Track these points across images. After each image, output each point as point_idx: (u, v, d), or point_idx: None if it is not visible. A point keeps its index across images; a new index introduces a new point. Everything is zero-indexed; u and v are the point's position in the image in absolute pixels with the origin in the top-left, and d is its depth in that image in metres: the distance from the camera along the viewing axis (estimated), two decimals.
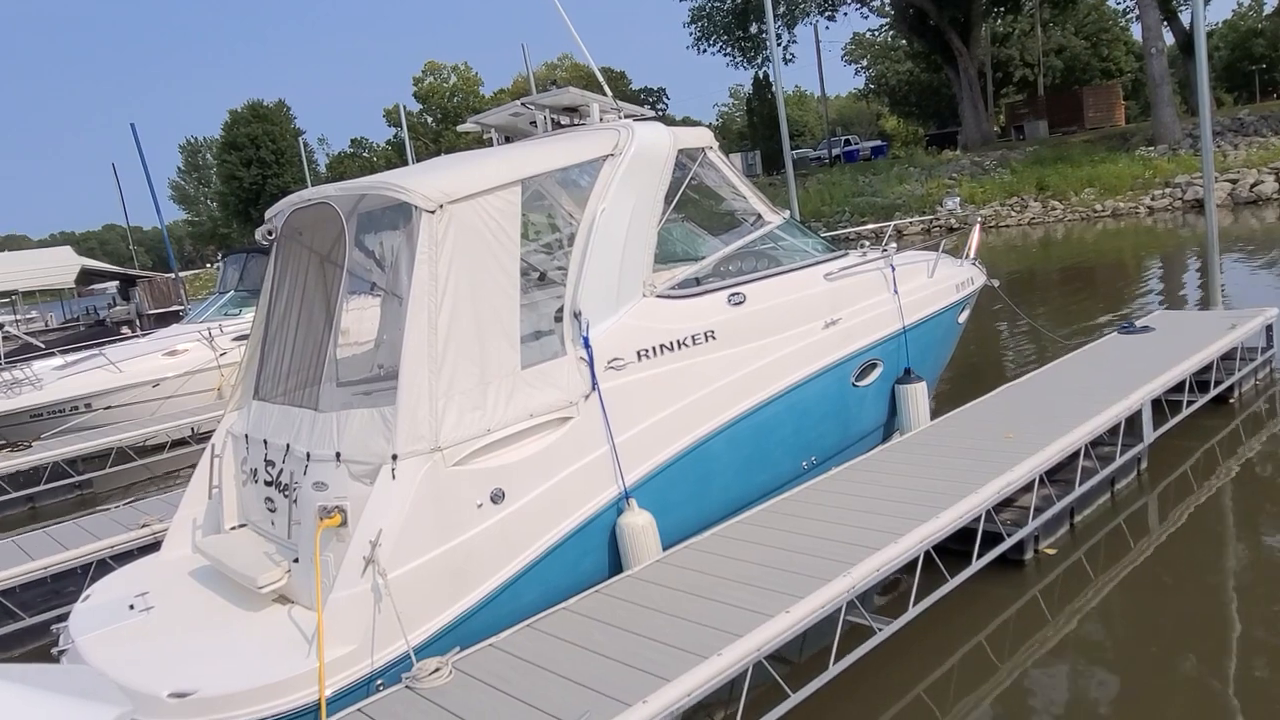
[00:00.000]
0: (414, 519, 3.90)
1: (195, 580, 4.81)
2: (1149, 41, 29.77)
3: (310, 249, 5.37)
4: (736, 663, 3.19)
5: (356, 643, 3.72)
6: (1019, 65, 55.92)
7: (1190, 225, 22.46)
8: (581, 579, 4.55)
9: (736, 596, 3.70)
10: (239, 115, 69.27)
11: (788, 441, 5.69)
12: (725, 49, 40.63)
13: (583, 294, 4.75)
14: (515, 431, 4.34)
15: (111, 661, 3.94)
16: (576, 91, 5.74)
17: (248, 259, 12.70)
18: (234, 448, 5.15)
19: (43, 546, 5.86)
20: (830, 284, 6.10)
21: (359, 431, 4.13)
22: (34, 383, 10.40)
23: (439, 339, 4.15)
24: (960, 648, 4.23)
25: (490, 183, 4.47)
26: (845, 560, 3.82)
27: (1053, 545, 4.99)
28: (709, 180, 5.76)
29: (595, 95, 5.74)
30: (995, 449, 5.07)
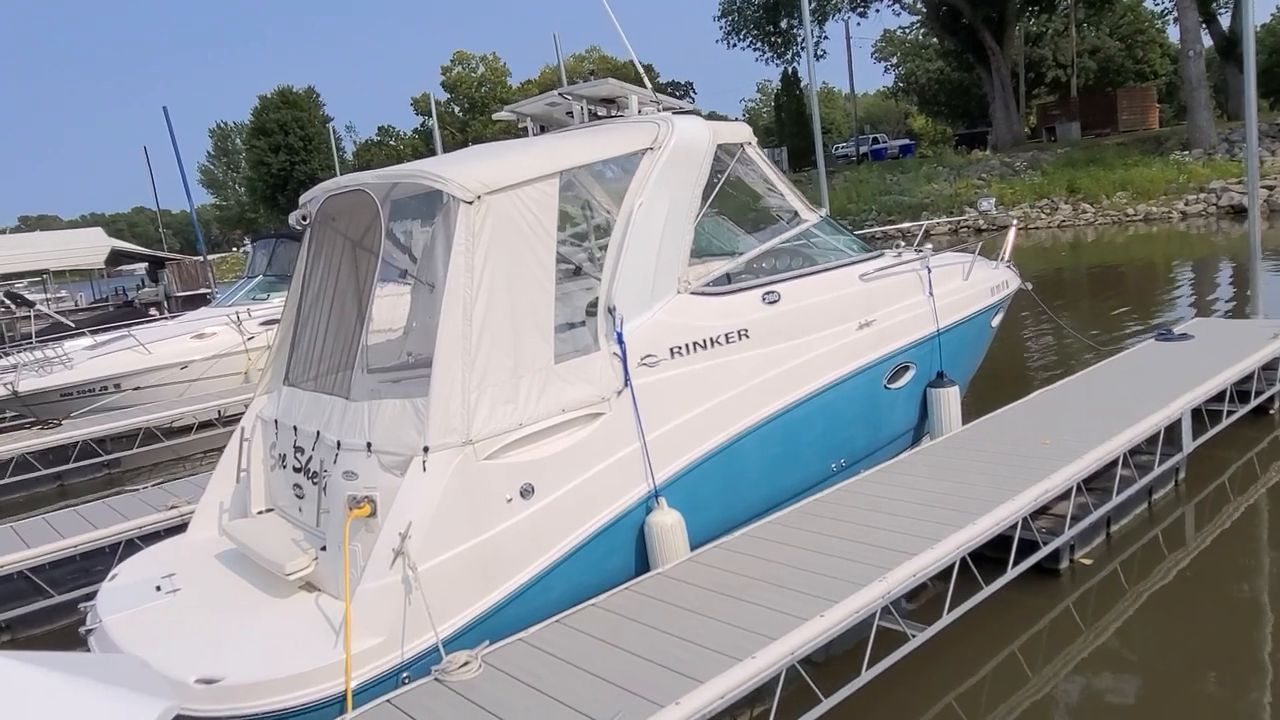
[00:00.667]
0: (444, 512, 3.88)
1: (221, 563, 4.82)
2: (1187, 44, 29.27)
3: (343, 235, 5.36)
4: (770, 666, 3.15)
5: (384, 635, 3.70)
6: (1051, 66, 55.20)
7: (1224, 232, 22.11)
8: (608, 577, 4.51)
9: (768, 598, 3.65)
10: (269, 101, 69.71)
11: (818, 443, 5.63)
12: (755, 44, 40.42)
13: (618, 289, 4.70)
14: (547, 426, 4.30)
15: (138, 643, 3.95)
16: (615, 83, 5.69)
17: (276, 244, 12.75)
18: (263, 432, 5.16)
19: (72, 525, 5.90)
20: (866, 284, 6.03)
21: (391, 422, 4.11)
22: (65, 362, 10.49)
23: (473, 331, 4.12)
24: (993, 657, 4.16)
25: (528, 174, 4.43)
26: (880, 565, 3.76)
27: (1089, 555, 4.90)
28: (747, 176, 5.69)
29: (634, 87, 5.69)
30: (1032, 455, 4.98)
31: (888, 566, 3.73)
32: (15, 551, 5.47)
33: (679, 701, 2.90)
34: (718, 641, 3.34)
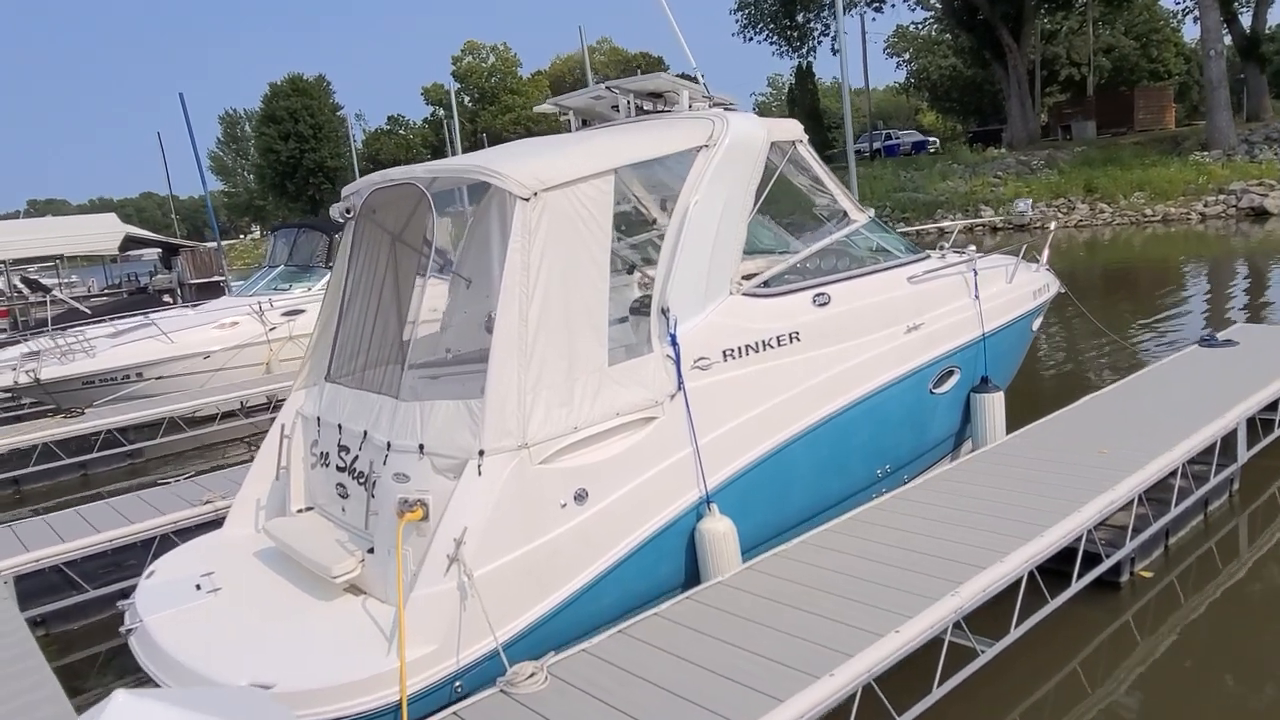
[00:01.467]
0: (499, 517, 3.78)
1: (260, 562, 4.74)
2: (1208, 43, 29.04)
3: (385, 229, 5.25)
4: (848, 684, 3.06)
5: (438, 642, 3.60)
6: (1065, 64, 54.87)
7: (1244, 234, 21.95)
8: (658, 584, 4.43)
9: (835, 610, 3.55)
10: (279, 89, 69.55)
11: (864, 448, 5.53)
12: (771, 37, 40.16)
13: (672, 290, 4.60)
14: (601, 430, 4.20)
15: (182, 645, 3.86)
16: (667, 77, 5.57)
17: (298, 234, 12.65)
18: (304, 429, 5.06)
19: (105, 518, 5.82)
20: (914, 287, 5.92)
21: (444, 424, 4.00)
22: (87, 350, 10.41)
23: (529, 331, 4.02)
24: (1057, 672, 4.07)
25: (584, 170, 4.32)
26: (950, 578, 3.66)
27: (1148, 568, 4.80)
28: (799, 174, 5.59)
29: (686, 82, 5.57)
30: (1087, 464, 4.88)
31: (958, 580, 3.63)
32: (49, 545, 5.39)
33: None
34: (787, 655, 3.25)
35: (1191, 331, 11.45)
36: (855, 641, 3.26)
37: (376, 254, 5.24)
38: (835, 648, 3.25)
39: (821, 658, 3.18)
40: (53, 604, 5.33)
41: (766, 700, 2.93)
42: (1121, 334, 11.35)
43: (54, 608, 5.31)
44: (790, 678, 3.08)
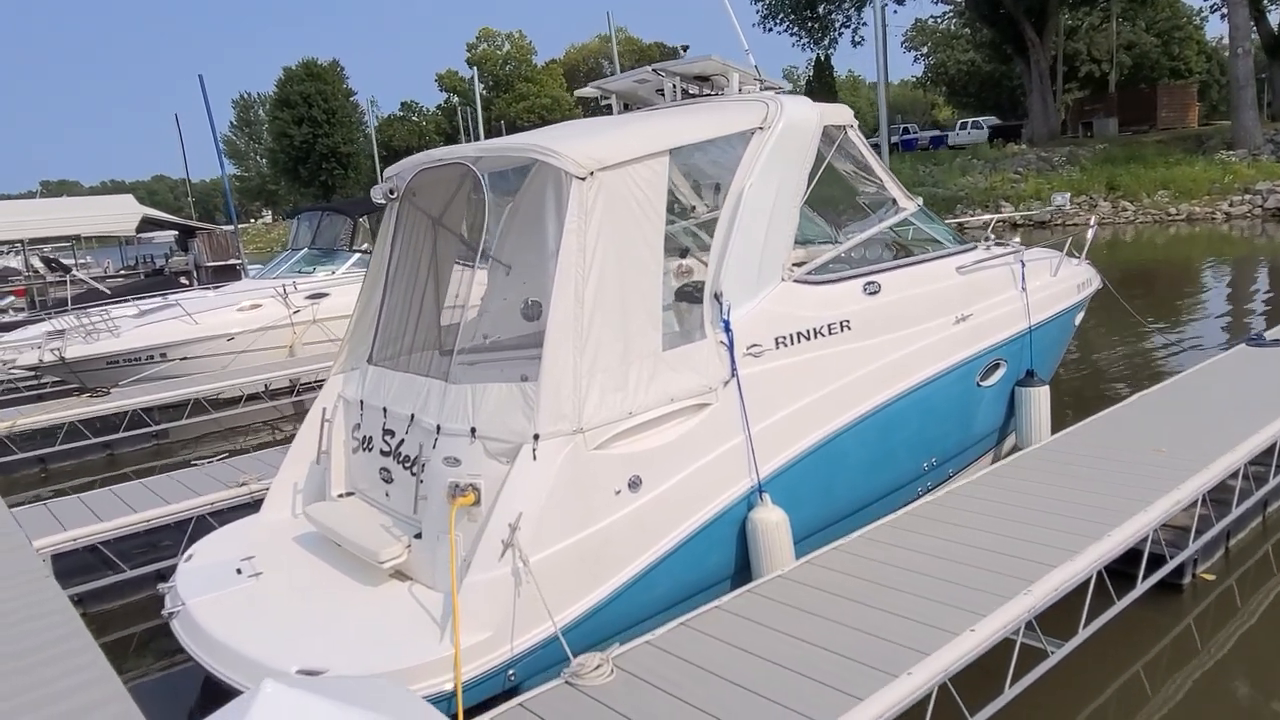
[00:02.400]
0: (554, 503, 3.70)
1: (301, 546, 4.67)
2: (1235, 41, 28.70)
3: (427, 212, 5.15)
4: (927, 683, 2.97)
5: (491, 629, 3.52)
6: (1085, 60, 54.43)
7: (1270, 234, 21.72)
8: (708, 575, 4.34)
9: (903, 606, 3.46)
10: (293, 73, 69.57)
11: (912, 441, 5.43)
12: (791, 28, 39.90)
13: (725, 275, 4.50)
14: (655, 416, 4.11)
15: (226, 630, 3.80)
16: (718, 60, 5.45)
17: (322, 217, 12.58)
18: (345, 413, 4.98)
19: (141, 498, 5.76)
20: (962, 277, 5.82)
21: (497, 407, 3.92)
22: (111, 329, 10.36)
23: (584, 313, 3.92)
24: (1119, 676, 3.97)
25: (639, 151, 4.22)
26: (1021, 576, 3.56)
27: (1210, 570, 4.70)
28: (848, 160, 5.47)
29: (736, 65, 5.46)
30: (1146, 463, 4.77)
31: (1029, 579, 3.53)
32: (86, 524, 5.33)
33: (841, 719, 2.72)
34: (859, 651, 3.16)
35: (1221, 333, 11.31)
36: (930, 639, 3.17)
37: (419, 236, 5.15)
38: (909, 645, 3.15)
39: (896, 655, 3.09)
40: (90, 583, 5.27)
41: (845, 698, 2.84)
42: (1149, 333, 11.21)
43: (91, 587, 5.25)
44: (866, 675, 2.99)
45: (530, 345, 5.13)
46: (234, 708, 1.46)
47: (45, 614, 3.92)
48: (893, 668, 3.00)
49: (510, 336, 5.52)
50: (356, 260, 12.01)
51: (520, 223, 5.45)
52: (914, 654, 3.08)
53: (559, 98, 72.74)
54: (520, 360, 4.89)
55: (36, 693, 3.18)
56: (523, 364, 4.83)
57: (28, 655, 3.49)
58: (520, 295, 5.69)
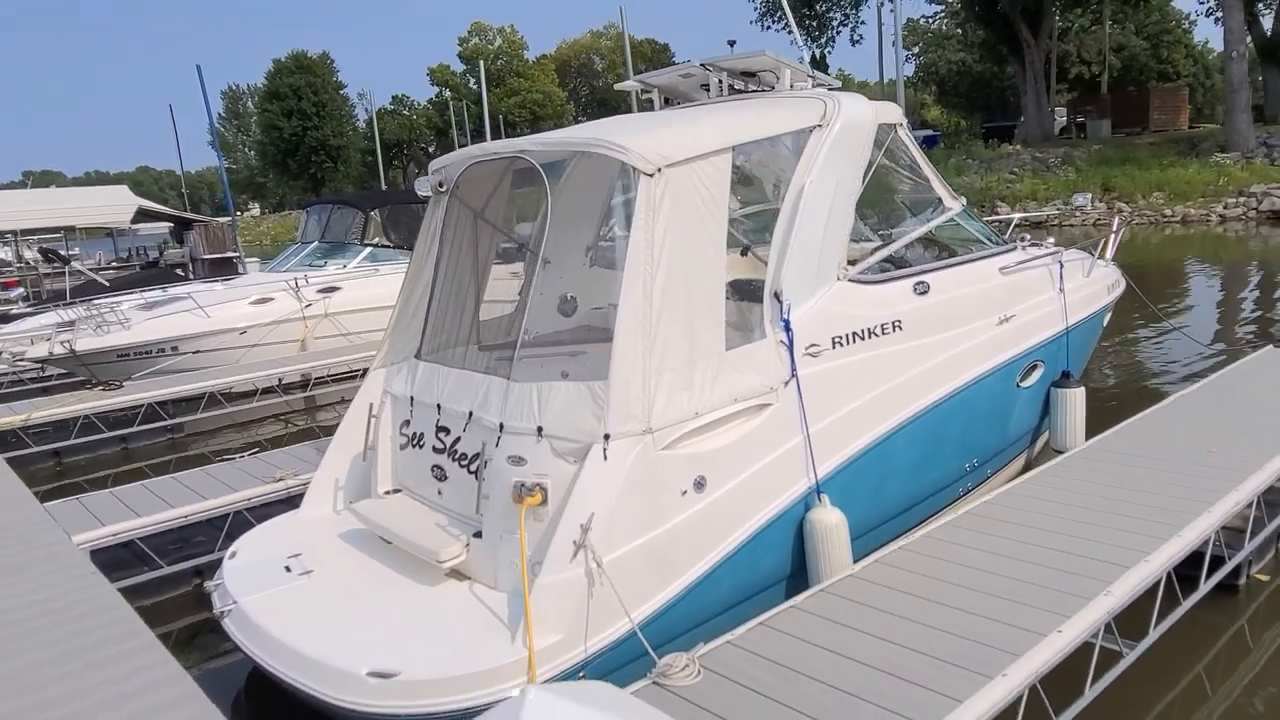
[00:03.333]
0: (624, 503, 3.66)
1: (348, 544, 4.61)
2: (1231, 44, 28.93)
3: (471, 205, 5.07)
4: (1020, 685, 2.95)
5: (564, 631, 3.48)
6: (1075, 62, 54.77)
7: (1264, 237, 21.90)
8: (767, 576, 4.32)
9: (979, 605, 3.45)
10: (282, 65, 69.16)
11: (957, 441, 5.43)
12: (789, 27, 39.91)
13: (785, 274, 4.47)
14: (719, 416, 4.08)
15: (286, 629, 3.75)
16: (771, 55, 5.42)
17: (332, 211, 12.47)
18: (393, 408, 4.91)
19: (176, 493, 5.68)
20: (1005, 278, 5.82)
21: (564, 406, 3.87)
22: (122, 322, 10.23)
23: (653, 311, 3.88)
24: (1183, 677, 3.98)
25: (705, 147, 4.19)
26: (1097, 577, 3.56)
27: (1263, 570, 4.72)
28: (898, 159, 5.46)
29: (789, 61, 5.42)
30: (1198, 464, 4.79)
31: (1105, 579, 3.53)
32: (125, 519, 5.25)
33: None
34: (946, 651, 3.15)
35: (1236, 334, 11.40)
36: (1016, 640, 3.16)
37: (464, 230, 5.10)
38: (996, 646, 3.15)
39: (986, 656, 3.08)
40: (128, 579, 5.18)
41: (942, 699, 2.83)
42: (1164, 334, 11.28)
43: (129, 583, 5.17)
44: (959, 676, 2.97)
45: (567, 341, 5.08)
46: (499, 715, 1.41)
47: (101, 609, 3.85)
48: (985, 669, 2.99)
49: (549, 332, 5.47)
50: (368, 254, 11.92)
51: (558, 218, 5.40)
52: (1004, 655, 3.07)
53: (551, 93, 72.55)
54: (559, 357, 4.84)
55: (111, 690, 3.12)
56: (562, 361, 4.78)
57: (92, 651, 3.43)
58: (556, 291, 5.64)
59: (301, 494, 5.22)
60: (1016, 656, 3.04)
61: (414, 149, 77.90)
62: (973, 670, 2.99)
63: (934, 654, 3.15)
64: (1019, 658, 3.03)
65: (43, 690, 3.12)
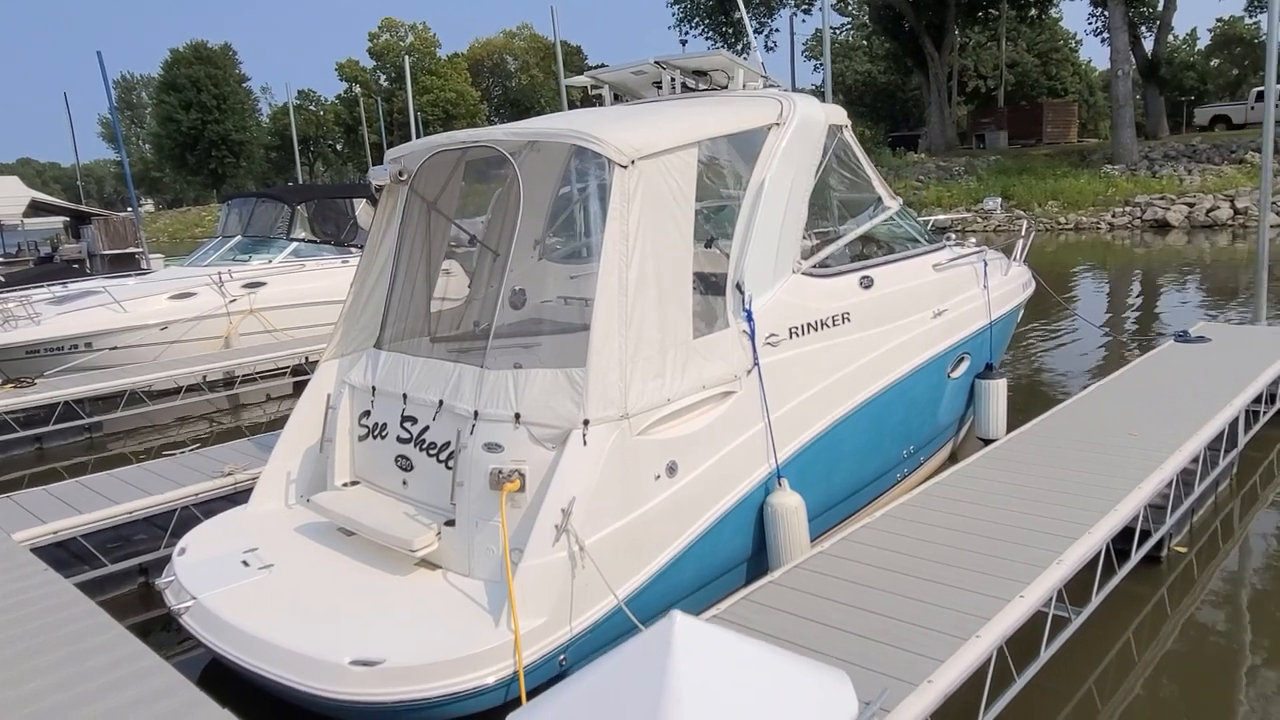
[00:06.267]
0: (603, 488, 3.76)
1: (305, 537, 4.57)
2: (1116, 63, 30.73)
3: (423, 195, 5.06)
4: (992, 646, 3.17)
5: (547, 614, 3.55)
6: (973, 76, 57.24)
7: (1147, 244, 23.32)
8: (730, 557, 4.47)
9: (946, 577, 3.67)
10: (180, 55, 66.40)
11: (897, 429, 5.71)
12: (706, 33, 40.58)
13: (747, 266, 4.64)
14: (688, 403, 4.21)
15: (256, 624, 3.70)
16: (726, 55, 5.59)
17: (256, 204, 12.13)
18: (351, 399, 4.87)
19: (116, 490, 5.48)
20: (938, 274, 6.13)
21: (542, 393, 3.93)
22: (31, 317, 9.74)
23: (628, 300, 3.99)
24: (1116, 641, 4.28)
25: (674, 141, 4.32)
26: (1048, 549, 3.83)
27: (1181, 543, 5.11)
28: (844, 159, 5.69)
29: (742, 61, 5.60)
30: (1122, 446, 5.15)
31: (1056, 550, 3.80)
32: (65, 517, 5.05)
33: (931, 680, 2.89)
34: (923, 618, 3.35)
35: (1136, 330, 12.17)
36: (984, 606, 3.38)
37: (417, 220, 5.08)
38: (967, 611, 3.36)
39: (960, 621, 3.29)
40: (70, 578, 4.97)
41: (925, 660, 3.01)
42: (1073, 330, 11.96)
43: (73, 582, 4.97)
44: (937, 639, 3.17)
45: (517, 334, 5.12)
46: (651, 639, 1.47)
47: (63, 605, 3.73)
48: (959, 632, 3.20)
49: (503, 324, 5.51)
50: (294, 249, 11.64)
51: (506, 210, 5.44)
52: (975, 619, 3.28)
53: (464, 92, 71.64)
54: (512, 349, 4.89)
55: (91, 683, 3.04)
56: (515, 353, 4.83)
57: (64, 646, 3.32)
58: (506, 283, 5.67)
59: (249, 489, 5.12)
60: (986, 620, 3.26)
61: (321, 145, 75.78)
62: (948, 634, 3.19)
63: (910, 620, 3.34)
64: (988, 621, 3.24)
65: (19, 686, 3.02)
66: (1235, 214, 24.81)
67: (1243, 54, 60.37)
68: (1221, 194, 25.90)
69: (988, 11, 42.46)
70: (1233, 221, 24.74)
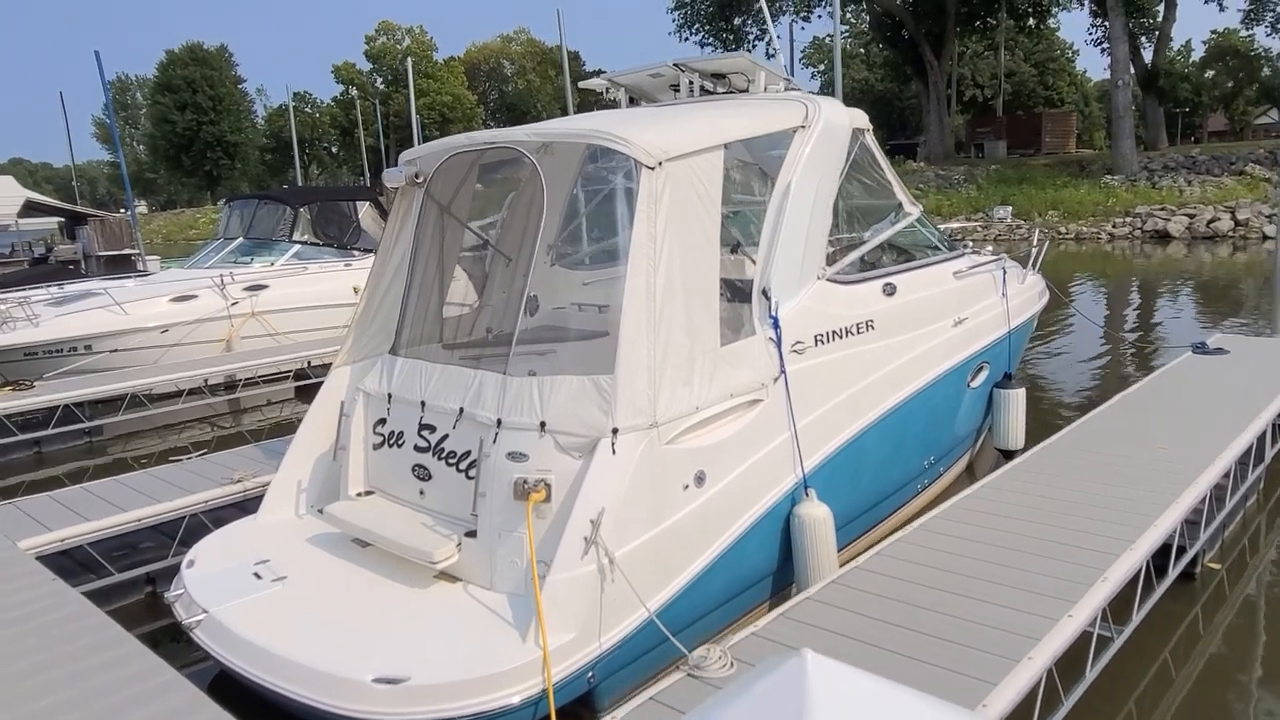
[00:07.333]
0: (632, 498, 3.64)
1: (318, 549, 4.43)
2: (1116, 74, 30.80)
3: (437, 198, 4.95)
4: (1043, 667, 3.06)
5: (577, 629, 3.42)
6: (970, 85, 57.42)
7: (1147, 255, 23.34)
8: (756, 570, 4.36)
9: (988, 594, 3.56)
10: (176, 56, 66.23)
11: (919, 438, 5.61)
12: (706, 39, 40.59)
13: (773, 271, 4.54)
14: (716, 412, 4.10)
15: (272, 639, 3.56)
16: (747, 58, 5.49)
17: (258, 206, 11.99)
18: (366, 407, 4.73)
19: (124, 497, 5.34)
20: (959, 282, 6.05)
21: (568, 401, 3.81)
22: (30, 318, 9.58)
23: (655, 305, 3.88)
24: (1155, 660, 4.18)
25: (700, 143, 4.22)
26: (1091, 565, 3.73)
27: (1213, 559, 5.01)
28: (865, 163, 5.60)
29: (765, 64, 5.50)
30: (1153, 461, 5.05)
31: (1099, 567, 3.70)
32: (72, 524, 4.91)
33: (985, 704, 2.78)
34: (969, 638, 3.24)
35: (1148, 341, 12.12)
36: (1032, 626, 3.27)
37: (432, 223, 4.96)
38: (1015, 631, 3.25)
39: (1007, 641, 3.18)
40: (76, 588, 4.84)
41: (978, 684, 2.90)
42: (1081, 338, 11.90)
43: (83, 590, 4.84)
44: (988, 660, 3.06)
45: (531, 340, 5.01)
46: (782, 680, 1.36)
47: (73, 617, 3.60)
48: (1010, 653, 3.08)
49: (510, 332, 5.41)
50: (296, 252, 11.51)
51: (521, 213, 5.33)
52: (1024, 640, 3.17)
53: (460, 95, 71.56)
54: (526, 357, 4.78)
55: (107, 699, 2.91)
56: (530, 360, 4.72)
57: (77, 660, 3.19)
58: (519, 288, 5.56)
59: (258, 496, 4.99)
60: (1036, 641, 3.15)
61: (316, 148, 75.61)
62: (998, 655, 3.08)
63: (956, 639, 3.23)
64: (1038, 641, 3.14)
65: (34, 701, 2.89)
66: (1236, 225, 24.84)
67: (1237, 66, 60.66)
68: (1222, 206, 25.95)
69: (986, 20, 42.57)
70: (1233, 233, 24.78)
